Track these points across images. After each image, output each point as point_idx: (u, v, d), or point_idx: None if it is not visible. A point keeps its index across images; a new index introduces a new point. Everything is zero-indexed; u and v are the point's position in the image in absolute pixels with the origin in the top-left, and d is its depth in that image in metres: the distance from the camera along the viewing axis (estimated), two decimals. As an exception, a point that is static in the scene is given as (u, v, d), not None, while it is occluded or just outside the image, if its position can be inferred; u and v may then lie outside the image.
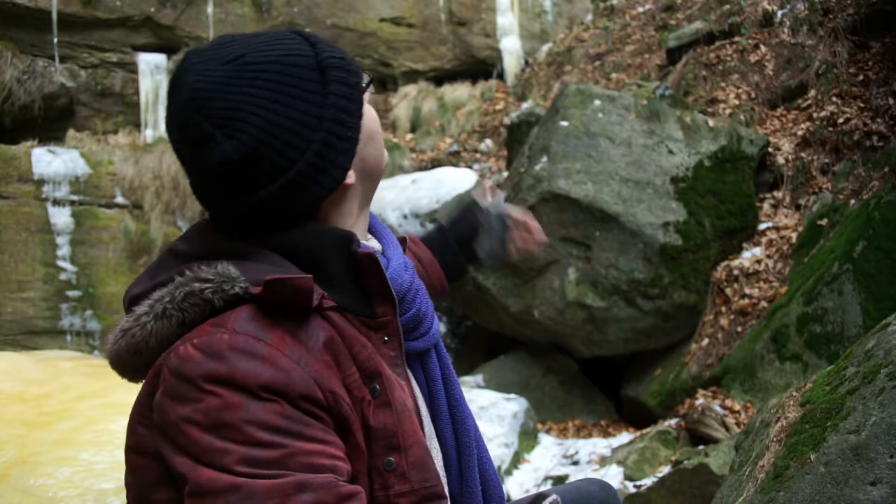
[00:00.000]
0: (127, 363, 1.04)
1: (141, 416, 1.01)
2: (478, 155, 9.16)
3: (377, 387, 1.03)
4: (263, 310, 0.98)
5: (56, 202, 7.66)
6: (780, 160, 5.63)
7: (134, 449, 1.02)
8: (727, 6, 7.51)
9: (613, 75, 8.59)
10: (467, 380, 5.48)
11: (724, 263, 5.22)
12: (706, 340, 5.03)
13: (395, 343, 1.10)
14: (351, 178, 1.09)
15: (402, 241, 1.31)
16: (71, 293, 7.55)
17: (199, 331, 0.97)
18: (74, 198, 7.74)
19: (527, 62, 10.87)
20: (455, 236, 1.63)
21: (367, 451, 1.02)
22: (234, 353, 0.94)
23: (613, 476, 4.08)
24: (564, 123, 5.36)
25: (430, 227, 7.04)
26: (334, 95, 1.05)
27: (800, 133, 5.73)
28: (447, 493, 1.09)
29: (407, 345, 1.15)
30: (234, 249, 1.05)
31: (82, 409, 4.31)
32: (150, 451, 0.99)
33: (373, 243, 1.19)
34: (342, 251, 1.05)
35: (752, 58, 6.68)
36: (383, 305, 1.07)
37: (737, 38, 7.00)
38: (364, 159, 1.12)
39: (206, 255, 1.04)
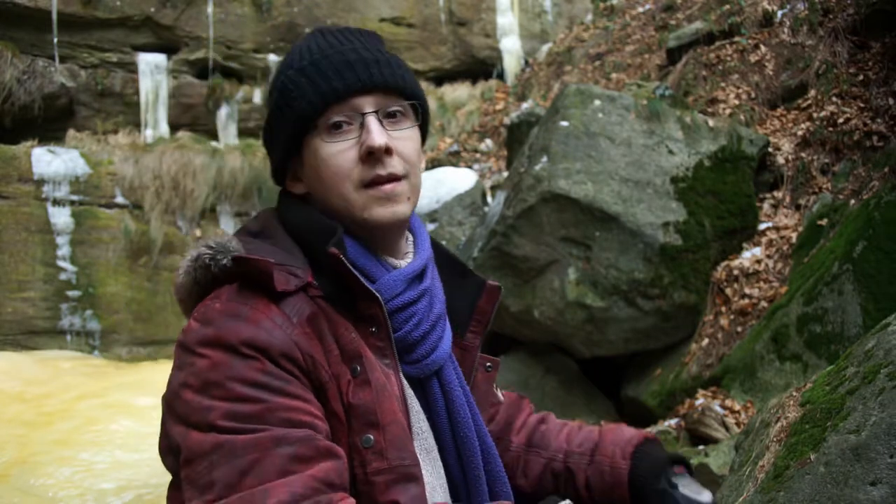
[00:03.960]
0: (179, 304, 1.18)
1: None
2: (478, 155, 9.17)
3: (357, 367, 1.07)
4: (253, 285, 1.06)
5: (56, 202, 7.66)
6: (780, 160, 5.63)
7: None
8: (727, 6, 7.51)
9: (613, 75, 8.59)
10: (467, 380, 5.47)
11: (724, 263, 5.22)
12: (706, 340, 5.03)
13: (383, 334, 1.12)
14: (300, 187, 1.22)
15: (471, 277, 1.35)
16: (71, 293, 7.55)
17: (201, 305, 1.07)
18: (74, 198, 7.74)
19: (527, 62, 10.87)
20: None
21: (347, 426, 1.06)
22: (221, 317, 1.03)
23: (613, 476, 4.07)
24: (564, 123, 5.36)
25: (429, 226, 7.05)
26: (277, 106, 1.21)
27: (800, 133, 5.73)
28: (424, 476, 1.10)
29: (402, 367, 1.16)
30: (265, 228, 1.18)
31: (82, 409, 4.31)
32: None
33: (403, 260, 1.22)
34: (324, 244, 1.11)
35: (752, 58, 6.68)
36: (365, 300, 1.11)
37: (737, 38, 7.00)
38: (314, 188, 1.20)
39: (253, 226, 1.19)
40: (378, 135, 1.12)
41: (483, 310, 1.32)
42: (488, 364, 1.35)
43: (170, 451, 1.06)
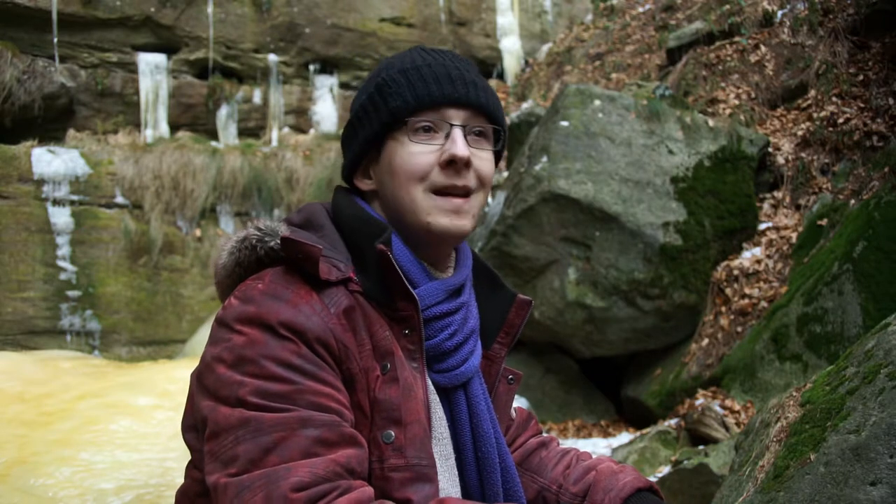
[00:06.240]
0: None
1: None
2: (478, 155, 9.15)
3: (388, 364, 1.10)
4: (296, 272, 1.09)
5: (56, 202, 7.65)
6: (780, 160, 5.63)
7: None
8: (727, 6, 7.50)
9: (613, 75, 8.59)
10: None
11: (724, 263, 5.21)
12: (706, 340, 5.03)
13: (415, 338, 1.14)
14: (367, 184, 1.24)
15: (512, 298, 1.37)
16: (71, 293, 7.55)
17: (243, 284, 1.11)
18: (74, 198, 7.74)
19: (527, 62, 10.87)
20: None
21: (370, 420, 1.08)
22: (263, 296, 1.06)
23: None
24: (564, 123, 5.36)
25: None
26: (369, 101, 1.23)
27: (800, 133, 5.72)
28: (438, 480, 1.11)
29: (430, 374, 1.18)
30: (310, 220, 1.20)
31: (82, 409, 4.30)
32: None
33: (445, 273, 1.25)
34: (374, 241, 1.14)
35: (752, 58, 6.67)
36: (404, 301, 1.13)
37: (737, 38, 7.00)
38: (383, 184, 1.22)
39: (296, 219, 1.22)
40: (462, 146, 1.17)
41: (512, 322, 1.37)
42: (510, 377, 1.39)
43: (193, 426, 1.09)
